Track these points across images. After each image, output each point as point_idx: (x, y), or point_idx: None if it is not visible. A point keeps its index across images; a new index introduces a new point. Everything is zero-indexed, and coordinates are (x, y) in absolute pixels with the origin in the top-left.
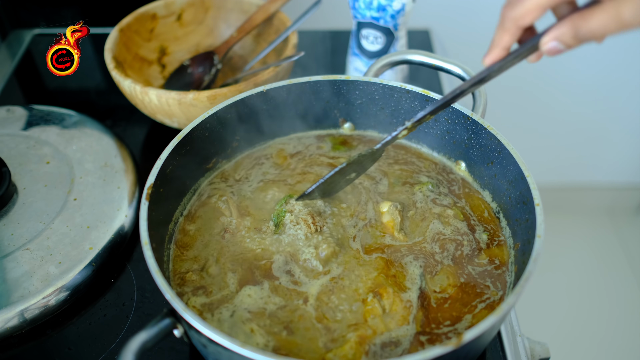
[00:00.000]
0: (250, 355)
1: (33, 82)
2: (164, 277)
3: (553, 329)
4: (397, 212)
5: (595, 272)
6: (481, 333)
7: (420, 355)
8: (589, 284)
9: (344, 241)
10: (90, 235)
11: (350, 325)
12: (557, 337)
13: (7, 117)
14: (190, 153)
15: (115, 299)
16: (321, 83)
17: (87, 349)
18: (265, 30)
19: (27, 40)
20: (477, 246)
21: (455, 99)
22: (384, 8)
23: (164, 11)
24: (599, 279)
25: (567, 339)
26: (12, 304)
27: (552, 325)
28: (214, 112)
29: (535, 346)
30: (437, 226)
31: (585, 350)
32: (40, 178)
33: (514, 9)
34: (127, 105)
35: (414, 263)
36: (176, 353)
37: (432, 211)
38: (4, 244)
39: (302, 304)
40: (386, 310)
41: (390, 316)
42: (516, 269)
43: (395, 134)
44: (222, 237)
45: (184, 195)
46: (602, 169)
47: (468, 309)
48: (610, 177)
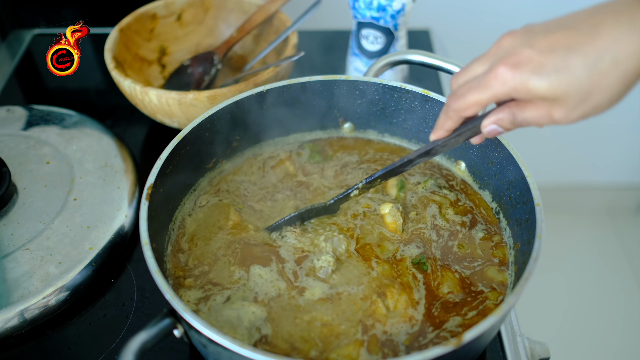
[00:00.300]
0: (251, 355)
1: (33, 82)
2: (164, 277)
3: (553, 329)
4: (399, 213)
5: (595, 272)
6: (481, 333)
7: (420, 355)
8: (589, 284)
9: (346, 244)
10: (90, 235)
11: (353, 325)
12: (557, 337)
13: (7, 117)
14: (190, 153)
15: (115, 299)
16: (321, 83)
17: (87, 349)
18: (265, 30)
19: (27, 40)
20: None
21: (404, 167)
22: (384, 8)
23: (164, 11)
24: (599, 279)
25: (567, 339)
26: (12, 304)
27: (552, 325)
28: (214, 112)
29: (535, 346)
30: (439, 224)
31: (585, 350)
32: (40, 178)
33: (457, 101)
34: (127, 105)
35: (417, 262)
36: (176, 353)
37: (432, 210)
38: (4, 244)
39: (303, 299)
40: (390, 310)
41: (394, 315)
42: (516, 269)
43: (347, 192)
44: (222, 236)
45: (184, 195)
46: (602, 169)
47: (469, 309)
48: (610, 177)
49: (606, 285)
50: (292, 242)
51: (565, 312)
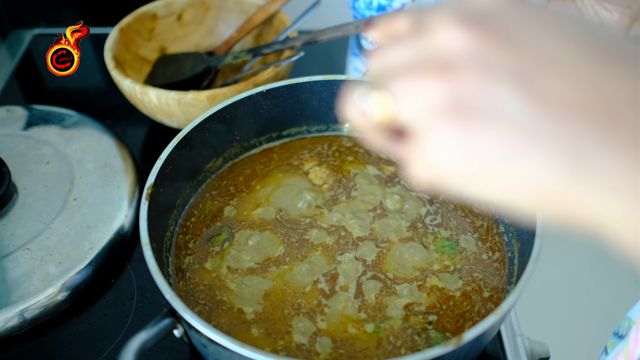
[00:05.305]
0: (251, 355)
1: (33, 82)
2: (164, 277)
3: (553, 329)
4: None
5: (595, 272)
6: (481, 333)
7: (420, 355)
8: (589, 284)
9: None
10: (90, 235)
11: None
12: (557, 337)
13: (7, 117)
14: (190, 153)
15: (115, 299)
16: (321, 83)
17: (87, 349)
18: (265, 30)
19: (27, 40)
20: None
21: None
22: (384, 8)
23: (164, 11)
24: (599, 279)
25: (567, 339)
26: (12, 304)
27: (552, 325)
28: (214, 112)
29: (535, 346)
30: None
31: (585, 350)
32: (40, 178)
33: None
34: (127, 105)
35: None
36: (176, 353)
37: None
38: (4, 244)
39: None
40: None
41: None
42: (516, 269)
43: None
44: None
45: (184, 195)
46: None
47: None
48: None
49: (606, 285)
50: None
51: (565, 312)
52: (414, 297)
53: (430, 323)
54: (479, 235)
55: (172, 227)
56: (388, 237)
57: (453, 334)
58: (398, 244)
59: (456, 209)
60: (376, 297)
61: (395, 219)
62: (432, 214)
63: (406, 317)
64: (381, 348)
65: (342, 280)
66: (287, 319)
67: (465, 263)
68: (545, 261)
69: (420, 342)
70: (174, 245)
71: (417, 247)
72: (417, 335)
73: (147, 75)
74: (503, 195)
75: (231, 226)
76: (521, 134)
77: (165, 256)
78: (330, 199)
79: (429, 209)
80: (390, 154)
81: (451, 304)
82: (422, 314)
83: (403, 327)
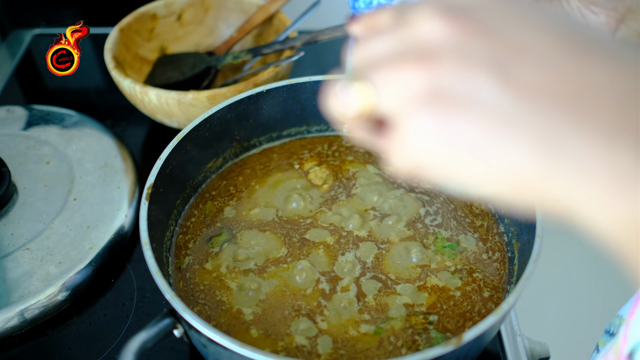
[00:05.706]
0: (250, 355)
1: (33, 82)
2: (164, 277)
3: (553, 329)
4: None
5: (595, 273)
6: (481, 333)
7: (420, 355)
8: (589, 284)
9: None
10: (90, 235)
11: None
12: (557, 337)
13: (7, 117)
14: (190, 153)
15: (115, 299)
16: (321, 83)
17: (87, 349)
18: (265, 30)
19: (27, 40)
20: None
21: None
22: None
23: (164, 11)
24: (599, 279)
25: (567, 339)
26: (12, 304)
27: (552, 325)
28: (214, 112)
29: (535, 346)
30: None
31: (586, 350)
32: (40, 178)
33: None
34: (127, 105)
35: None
36: (176, 353)
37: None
38: (4, 244)
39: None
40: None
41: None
42: (516, 269)
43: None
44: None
45: (184, 196)
46: None
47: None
48: None
49: (606, 285)
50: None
51: (565, 312)
52: (415, 298)
53: (431, 323)
54: (479, 235)
55: (172, 227)
56: (388, 238)
57: (453, 334)
58: (398, 244)
59: (456, 209)
60: (377, 297)
61: (396, 219)
62: (432, 215)
63: (407, 317)
64: (382, 348)
65: (343, 280)
66: (287, 319)
67: (465, 263)
68: (545, 261)
69: (421, 342)
70: (174, 245)
71: (418, 247)
72: (417, 335)
73: (147, 75)
74: (480, 182)
75: (231, 227)
76: (498, 121)
77: (165, 256)
78: (330, 199)
79: (429, 209)
80: (371, 146)
81: (452, 304)
82: (422, 314)
83: (404, 327)
